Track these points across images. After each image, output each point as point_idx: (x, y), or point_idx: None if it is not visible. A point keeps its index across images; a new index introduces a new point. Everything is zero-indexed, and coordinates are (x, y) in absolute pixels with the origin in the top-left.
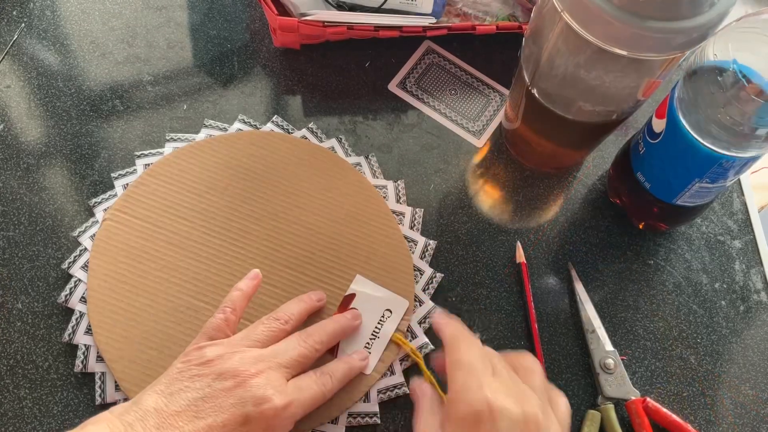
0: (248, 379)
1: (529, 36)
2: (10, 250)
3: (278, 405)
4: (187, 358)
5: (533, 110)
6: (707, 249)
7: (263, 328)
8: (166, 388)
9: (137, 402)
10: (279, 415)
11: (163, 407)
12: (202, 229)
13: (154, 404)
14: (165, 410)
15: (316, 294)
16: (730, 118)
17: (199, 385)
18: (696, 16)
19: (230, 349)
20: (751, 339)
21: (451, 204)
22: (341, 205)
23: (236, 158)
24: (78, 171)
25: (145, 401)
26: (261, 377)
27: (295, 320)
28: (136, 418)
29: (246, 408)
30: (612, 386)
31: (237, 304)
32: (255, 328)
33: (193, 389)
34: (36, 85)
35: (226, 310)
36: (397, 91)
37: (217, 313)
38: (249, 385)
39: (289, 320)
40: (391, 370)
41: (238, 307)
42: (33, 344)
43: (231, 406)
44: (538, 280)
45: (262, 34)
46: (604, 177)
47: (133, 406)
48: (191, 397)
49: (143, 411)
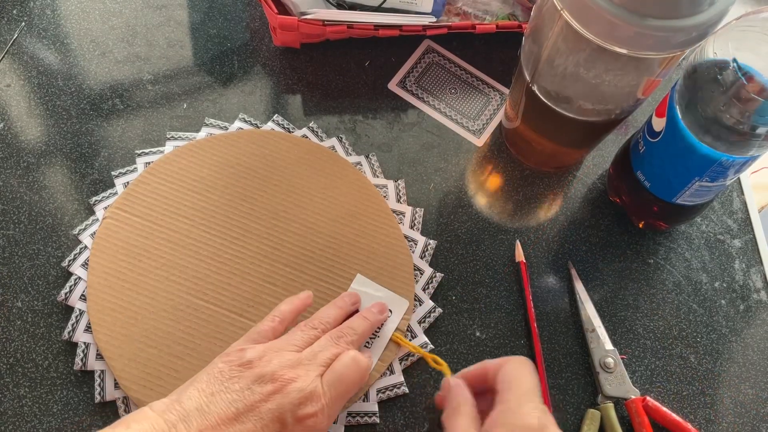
0: (287, 385)
1: (529, 35)
2: (10, 248)
3: (314, 410)
4: (228, 358)
5: (533, 109)
6: (707, 248)
7: (301, 334)
8: (207, 387)
9: (179, 400)
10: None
11: (205, 408)
12: (202, 228)
13: (196, 404)
14: (206, 410)
15: (350, 297)
16: (730, 117)
17: (238, 386)
18: (696, 14)
19: (270, 352)
20: (750, 338)
21: (451, 203)
22: (342, 204)
23: (237, 157)
24: (78, 170)
25: (187, 400)
26: (299, 382)
27: (331, 327)
28: (179, 417)
29: (284, 414)
30: (612, 385)
31: (286, 316)
32: (293, 334)
33: (233, 391)
34: (36, 83)
35: (276, 319)
36: (397, 90)
37: (266, 319)
38: (287, 391)
39: (325, 329)
40: (391, 369)
41: (287, 318)
42: (33, 342)
43: (269, 412)
44: (537, 279)
45: (262, 33)
46: (603, 176)
47: (175, 405)
48: (231, 399)
49: (186, 410)
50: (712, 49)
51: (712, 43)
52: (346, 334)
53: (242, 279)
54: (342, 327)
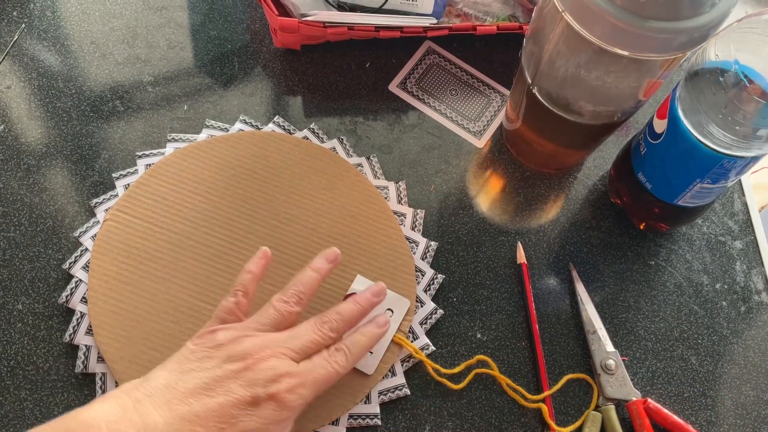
0: (258, 363)
1: (530, 36)
2: (11, 251)
3: (287, 387)
4: (199, 340)
5: (534, 111)
6: (708, 249)
7: (273, 311)
8: (178, 366)
9: (147, 379)
10: (287, 397)
11: (173, 385)
12: (203, 229)
13: (165, 381)
14: (175, 388)
15: (327, 255)
16: (732, 119)
17: (209, 365)
18: (697, 16)
19: (242, 333)
20: (752, 340)
21: (451, 204)
22: (342, 205)
23: (237, 158)
24: (78, 172)
25: (155, 379)
26: (270, 361)
27: (306, 297)
28: (145, 394)
29: (255, 390)
30: (613, 387)
31: (248, 287)
32: (266, 311)
33: (204, 369)
34: (36, 85)
35: (238, 294)
36: (398, 92)
37: (228, 296)
38: (258, 368)
39: (299, 300)
40: (392, 371)
41: (249, 290)
42: (33, 345)
43: (240, 387)
44: (538, 280)
45: (263, 34)
46: (604, 177)
47: (143, 383)
48: (202, 376)
49: (153, 387)
50: (714, 50)
51: (714, 45)
52: (330, 320)
53: None
54: (328, 312)
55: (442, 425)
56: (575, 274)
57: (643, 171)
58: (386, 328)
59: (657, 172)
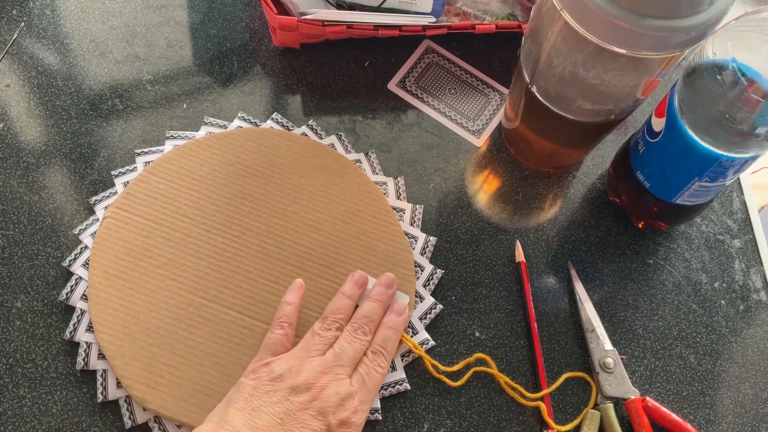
0: (322, 391)
1: (529, 35)
2: (10, 248)
3: (352, 409)
4: (256, 375)
5: (533, 109)
6: (707, 248)
7: (318, 339)
8: (246, 404)
9: (225, 421)
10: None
11: (251, 422)
12: (202, 226)
13: (242, 421)
14: (253, 424)
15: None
16: (730, 117)
17: (276, 399)
18: (695, 14)
19: (296, 362)
20: (750, 338)
21: (450, 203)
22: (341, 201)
23: (236, 155)
24: (78, 170)
25: (232, 419)
26: (331, 386)
27: (345, 320)
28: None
29: (327, 419)
30: (611, 385)
31: (291, 318)
32: (311, 339)
33: (273, 404)
34: (36, 84)
35: (284, 325)
36: (397, 91)
37: (275, 329)
38: (323, 397)
39: (340, 325)
40: (393, 366)
41: (292, 321)
42: (32, 343)
43: (313, 418)
44: (537, 279)
45: (262, 33)
46: (603, 176)
47: (222, 425)
48: (274, 411)
49: (235, 427)
50: (712, 49)
51: (712, 44)
52: (362, 325)
53: (243, 277)
54: (356, 318)
55: (440, 423)
56: (574, 272)
57: (641, 170)
58: (406, 313)
59: (655, 171)
